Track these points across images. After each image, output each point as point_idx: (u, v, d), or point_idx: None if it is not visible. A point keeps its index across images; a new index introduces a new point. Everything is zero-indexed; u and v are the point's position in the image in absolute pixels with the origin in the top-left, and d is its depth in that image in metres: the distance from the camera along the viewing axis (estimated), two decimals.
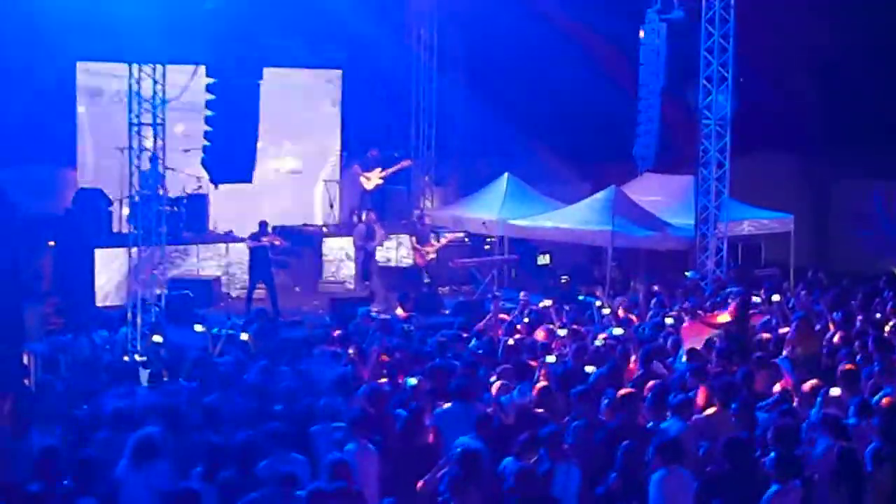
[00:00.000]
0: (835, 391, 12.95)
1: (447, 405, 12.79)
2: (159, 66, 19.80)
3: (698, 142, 23.78)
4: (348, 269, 25.51)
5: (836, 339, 16.44)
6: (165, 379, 15.01)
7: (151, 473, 10.76)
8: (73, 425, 12.50)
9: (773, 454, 10.68)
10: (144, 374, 15.54)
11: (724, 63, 23.38)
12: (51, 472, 10.76)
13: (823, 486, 10.54)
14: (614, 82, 27.04)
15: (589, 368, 14.57)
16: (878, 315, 18.58)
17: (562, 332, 16.96)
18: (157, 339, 17.57)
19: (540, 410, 12.80)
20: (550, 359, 14.96)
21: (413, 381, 13.67)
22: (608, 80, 26.47)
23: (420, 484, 10.81)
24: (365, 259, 24.38)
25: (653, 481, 10.67)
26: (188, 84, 21.29)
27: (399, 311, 20.16)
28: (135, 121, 19.87)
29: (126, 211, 22.46)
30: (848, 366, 14.09)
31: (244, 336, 17.75)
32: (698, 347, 15.60)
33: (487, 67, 27.49)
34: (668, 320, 18.29)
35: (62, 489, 10.41)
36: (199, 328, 19.16)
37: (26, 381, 15.20)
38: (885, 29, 26.53)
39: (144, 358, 16.37)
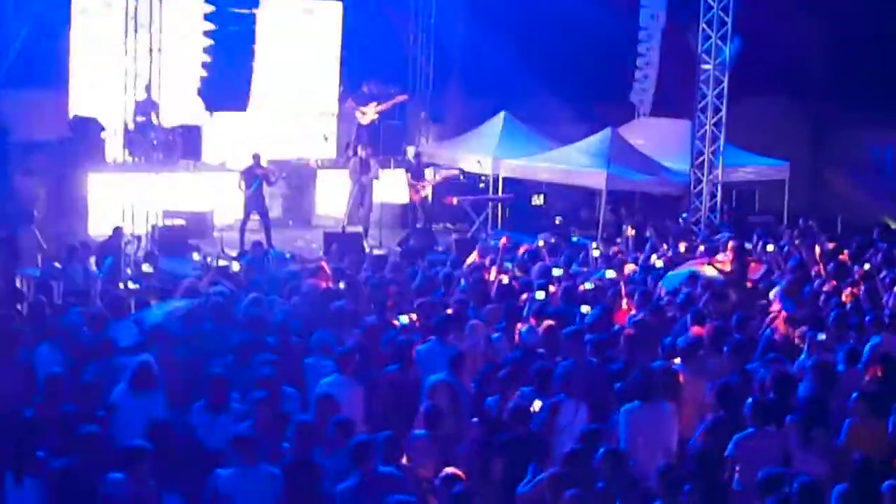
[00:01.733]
0: (821, 336, 12.99)
1: (428, 342, 12.83)
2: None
3: (696, 87, 23.69)
4: (343, 204, 25.43)
5: (826, 287, 16.46)
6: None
7: (147, 401, 10.81)
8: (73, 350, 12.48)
9: (750, 399, 10.70)
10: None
11: (725, 8, 23.24)
12: (52, 396, 10.80)
13: (801, 432, 10.53)
14: (615, 23, 26.90)
15: (584, 308, 14.62)
16: (868, 265, 18.57)
17: (556, 272, 16.92)
18: (147, 268, 17.51)
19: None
20: (540, 295, 14.97)
21: (405, 318, 13.69)
22: (609, 21, 26.32)
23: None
24: (359, 193, 24.28)
25: (622, 412, 10.79)
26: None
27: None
28: (131, 47, 19.73)
29: (121, 139, 22.43)
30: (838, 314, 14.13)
31: (236, 267, 17.73)
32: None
33: (487, 4, 27.30)
34: (659, 263, 18.33)
35: (62, 414, 10.40)
36: (196, 256, 19.15)
37: (18, 306, 15.13)
38: None
39: (137, 286, 16.31)
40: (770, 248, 19.58)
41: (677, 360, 12.27)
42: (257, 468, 9.55)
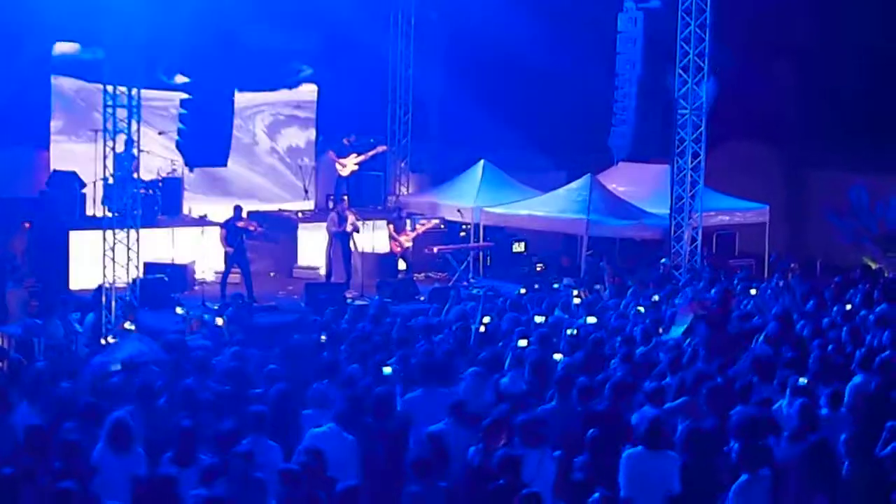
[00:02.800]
0: (802, 380, 12.99)
1: (416, 392, 12.79)
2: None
3: (674, 131, 23.81)
4: (322, 256, 25.42)
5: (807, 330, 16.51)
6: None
7: (127, 459, 10.73)
8: (52, 405, 12.41)
9: (736, 445, 10.69)
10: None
11: (701, 53, 23.41)
12: (33, 452, 10.73)
13: (795, 476, 10.53)
14: (591, 71, 27.08)
15: (557, 356, 14.61)
16: (849, 306, 18.64)
17: (538, 319, 16.95)
18: (129, 326, 17.48)
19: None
20: (522, 343, 14.97)
21: (388, 370, 13.66)
22: (585, 69, 26.50)
23: None
24: (336, 245, 24.26)
25: (624, 457, 10.74)
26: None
27: None
28: (109, 102, 19.75)
29: (100, 194, 22.39)
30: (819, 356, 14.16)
31: (219, 321, 17.72)
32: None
33: (464, 55, 27.48)
34: (640, 309, 18.39)
35: (42, 472, 10.33)
36: (179, 311, 19.12)
37: (1, 365, 15.07)
38: (866, 20, 26.57)
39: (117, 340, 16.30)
40: (753, 291, 19.70)
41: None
42: None
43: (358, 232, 24.23)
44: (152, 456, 10.98)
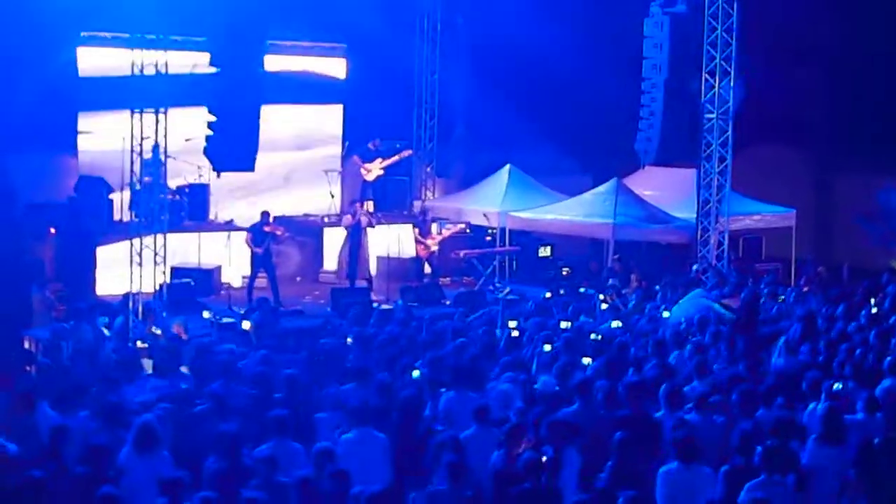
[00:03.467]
0: (837, 385, 12.93)
1: (448, 393, 12.82)
2: (161, 54, 19.77)
3: (700, 135, 23.76)
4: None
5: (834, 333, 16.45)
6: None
7: (152, 462, 10.77)
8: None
9: (759, 447, 10.65)
10: (147, 364, 15.54)
11: (727, 57, 23.36)
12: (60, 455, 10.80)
13: (817, 482, 10.48)
14: (617, 75, 27.02)
15: (586, 360, 14.61)
16: (876, 310, 18.56)
17: (564, 325, 16.95)
18: (156, 331, 17.55)
19: None
20: (547, 347, 14.99)
21: (416, 373, 13.70)
22: (611, 73, 26.45)
23: None
24: (345, 241, 24.37)
25: (660, 474, 10.68)
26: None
27: None
28: (136, 108, 19.85)
29: (127, 199, 22.50)
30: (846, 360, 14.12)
31: (245, 325, 17.78)
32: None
33: (490, 59, 27.43)
34: (666, 314, 18.38)
35: (71, 475, 10.40)
36: (206, 315, 19.20)
37: (28, 368, 15.15)
38: (892, 23, 26.43)
39: (146, 345, 16.36)
40: (781, 298, 19.66)
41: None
42: None
43: (372, 227, 24.30)
44: (179, 460, 11.05)
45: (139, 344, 16.49)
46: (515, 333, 16.55)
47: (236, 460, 10.83)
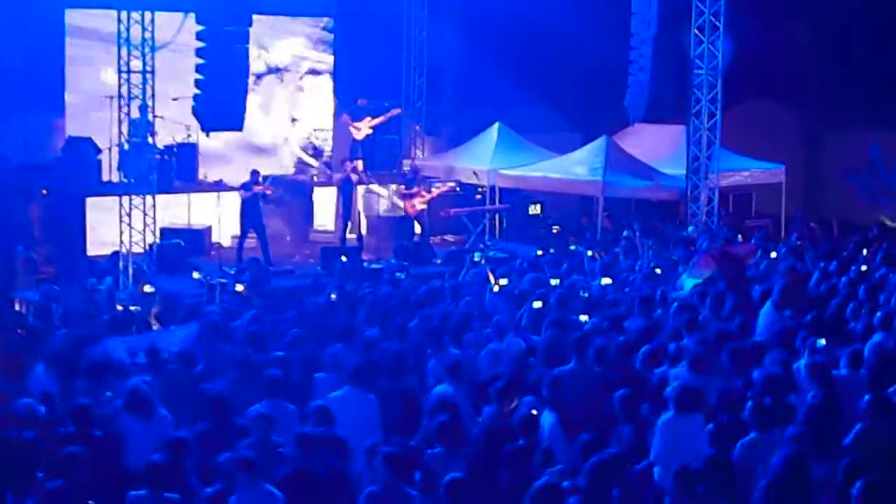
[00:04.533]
0: (821, 341, 12.94)
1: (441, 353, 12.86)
2: (148, 13, 19.65)
3: (690, 91, 23.71)
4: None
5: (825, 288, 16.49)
6: (155, 328, 15.03)
7: (150, 424, 10.81)
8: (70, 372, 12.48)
9: (749, 403, 10.67)
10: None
11: (716, 12, 23.24)
12: (48, 418, 10.83)
13: (809, 438, 10.50)
14: (606, 31, 26.91)
15: (583, 318, 14.65)
16: (865, 267, 18.59)
17: (553, 282, 16.96)
18: (149, 289, 17.55)
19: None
20: (537, 304, 15.00)
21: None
22: (600, 29, 26.32)
23: None
24: (338, 197, 24.36)
25: (659, 424, 10.72)
26: (177, 31, 21.26)
27: None
28: (124, 68, 19.77)
29: (116, 159, 22.44)
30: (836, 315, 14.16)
31: (239, 287, 17.78)
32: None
33: (479, 16, 27.31)
34: (658, 270, 18.40)
35: (57, 436, 10.42)
36: (196, 275, 19.19)
37: (19, 331, 15.14)
38: None
39: (138, 308, 16.36)
40: (773, 255, 19.65)
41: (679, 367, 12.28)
42: (261, 490, 9.49)
43: (363, 184, 24.29)
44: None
45: (131, 307, 16.46)
46: (496, 289, 16.55)
47: (226, 421, 10.86)
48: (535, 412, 10.77)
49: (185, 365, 12.57)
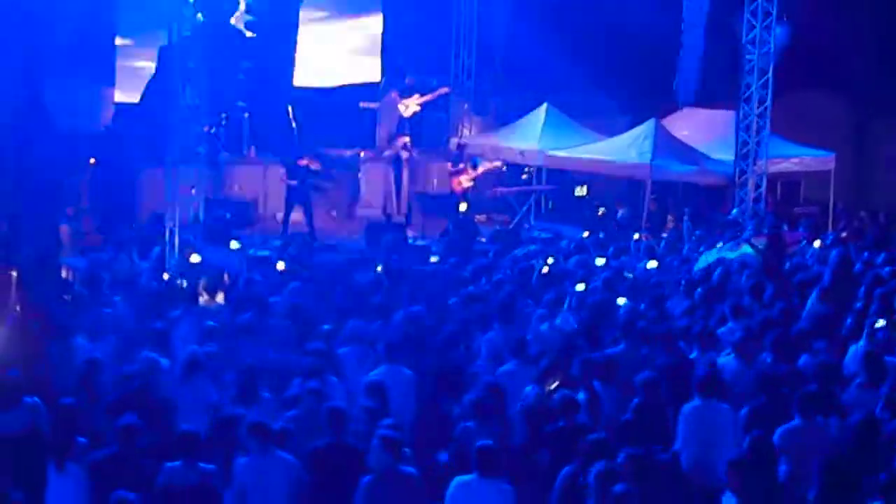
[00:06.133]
0: (880, 322, 12.86)
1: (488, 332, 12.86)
2: None
3: (741, 76, 23.54)
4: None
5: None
6: (203, 299, 15.09)
7: (198, 391, 10.88)
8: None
9: (785, 390, 10.62)
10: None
11: None
12: (92, 385, 10.93)
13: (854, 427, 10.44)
14: (658, 13, 26.71)
15: (621, 300, 14.61)
16: None
17: (599, 262, 16.93)
18: (196, 258, 17.62)
19: None
20: (580, 287, 14.97)
21: None
22: (652, 11, 26.14)
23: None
24: (389, 173, 24.36)
25: (683, 411, 10.67)
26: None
27: None
28: (175, 38, 19.82)
29: None
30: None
31: (280, 265, 17.83)
32: None
33: None
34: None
35: (103, 404, 10.52)
36: (234, 245, 19.24)
37: (66, 297, 15.23)
38: None
39: (184, 281, 16.47)
40: (817, 243, 19.51)
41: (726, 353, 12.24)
42: (273, 456, 9.56)
43: (408, 151, 24.29)
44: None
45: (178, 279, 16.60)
46: (546, 270, 16.53)
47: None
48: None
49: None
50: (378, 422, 9.98)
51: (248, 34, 21.24)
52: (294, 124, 25.58)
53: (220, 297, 15.21)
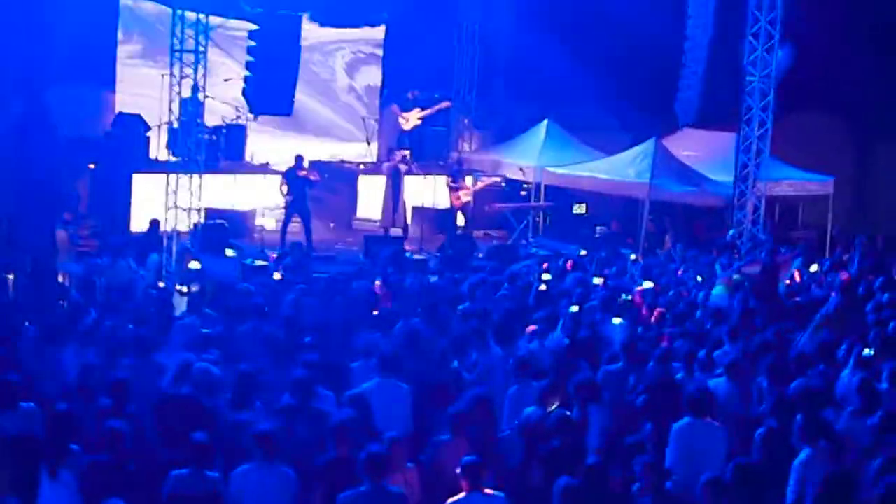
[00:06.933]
0: (867, 351, 12.84)
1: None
2: None
3: (742, 98, 23.55)
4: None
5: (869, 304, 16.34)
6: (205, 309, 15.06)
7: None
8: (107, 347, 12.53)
9: (798, 417, 10.57)
10: (180, 302, 15.62)
11: (773, 20, 23.09)
12: (85, 391, 10.89)
13: (854, 452, 10.41)
14: (661, 33, 26.73)
15: (616, 320, 14.59)
16: None
17: (597, 281, 16.91)
18: (195, 265, 17.60)
19: None
20: (574, 309, 14.95)
21: None
22: (655, 31, 26.16)
23: None
24: (388, 186, 24.36)
25: (674, 430, 10.65)
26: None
27: None
28: (177, 47, 19.83)
29: (164, 137, 22.50)
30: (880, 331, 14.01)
31: (276, 276, 17.80)
32: None
33: (534, 13, 27.22)
34: (699, 278, 18.33)
35: (94, 409, 10.47)
36: (230, 253, 19.21)
37: (62, 302, 15.21)
38: None
39: (184, 288, 16.44)
40: (814, 268, 19.51)
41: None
42: (270, 467, 9.52)
43: (407, 165, 24.27)
44: None
45: (177, 286, 16.56)
46: (544, 287, 16.51)
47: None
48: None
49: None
50: (359, 434, 9.94)
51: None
52: None
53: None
